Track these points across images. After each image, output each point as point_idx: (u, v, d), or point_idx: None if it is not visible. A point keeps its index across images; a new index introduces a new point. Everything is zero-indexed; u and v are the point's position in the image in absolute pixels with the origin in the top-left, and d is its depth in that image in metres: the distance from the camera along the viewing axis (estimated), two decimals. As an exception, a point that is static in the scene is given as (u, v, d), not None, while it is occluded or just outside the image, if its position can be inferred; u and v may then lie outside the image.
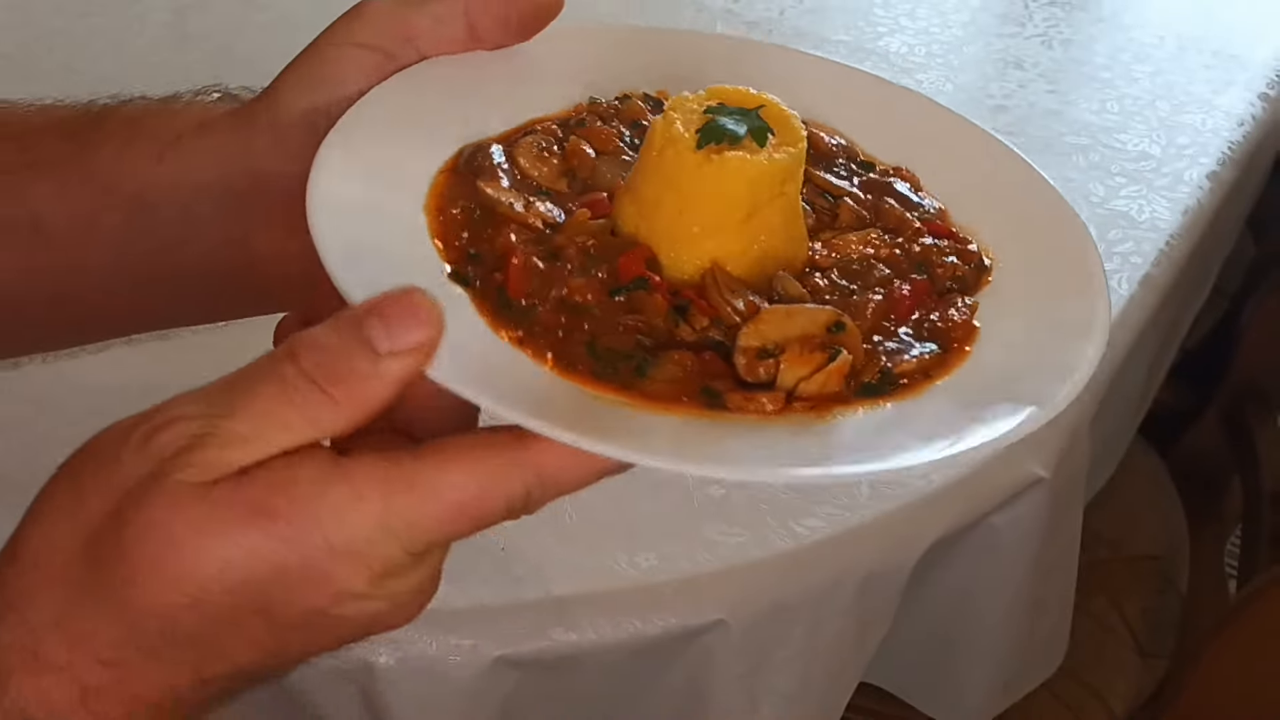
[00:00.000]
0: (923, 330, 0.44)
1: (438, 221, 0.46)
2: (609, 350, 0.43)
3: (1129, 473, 1.16)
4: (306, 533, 0.36)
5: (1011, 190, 0.49)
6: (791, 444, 0.40)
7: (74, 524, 0.37)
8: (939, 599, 0.82)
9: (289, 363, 0.36)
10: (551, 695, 0.70)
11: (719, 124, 0.45)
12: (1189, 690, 0.99)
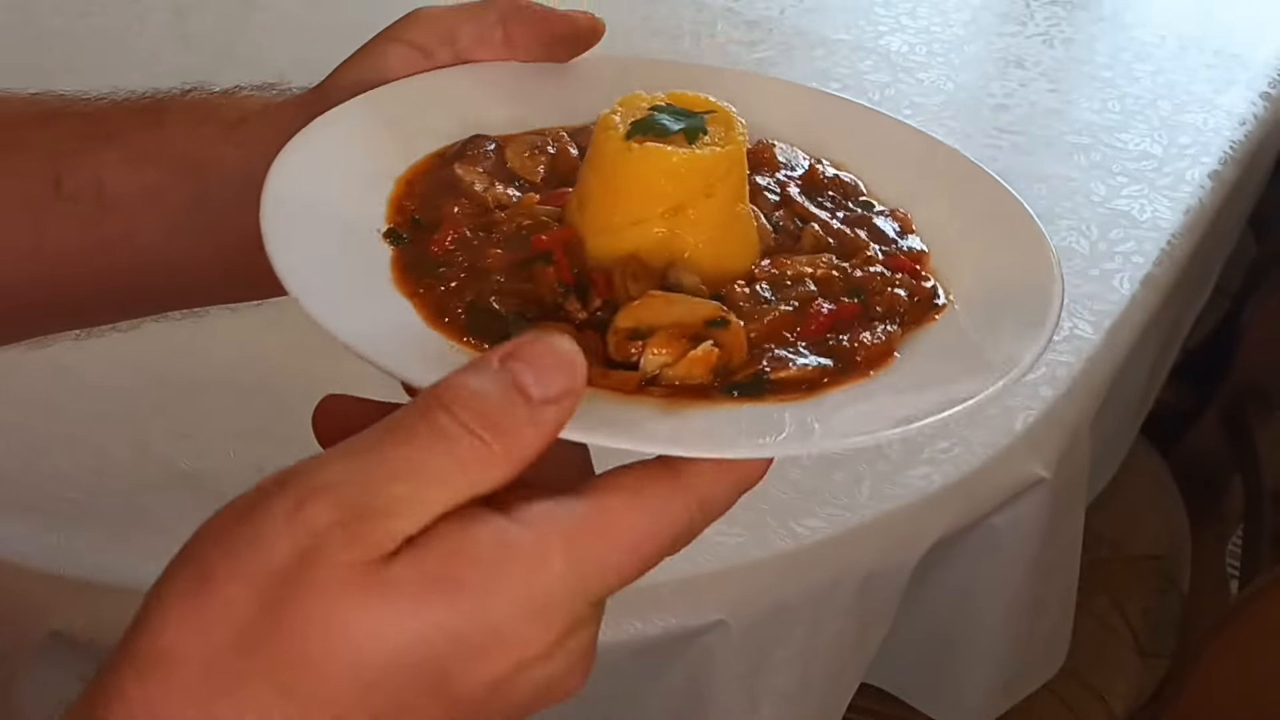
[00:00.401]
0: (826, 347, 0.43)
1: (399, 191, 0.49)
2: (485, 310, 0.43)
3: (1130, 473, 1.15)
4: (496, 599, 0.33)
5: (996, 240, 0.49)
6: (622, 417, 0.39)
7: (214, 620, 0.32)
8: (940, 599, 0.82)
9: (443, 413, 0.33)
10: (551, 695, 0.70)
11: (653, 118, 0.45)
12: (1190, 690, 0.99)
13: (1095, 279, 0.95)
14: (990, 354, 0.43)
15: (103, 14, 1.22)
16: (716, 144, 0.45)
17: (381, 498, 0.32)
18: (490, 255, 0.46)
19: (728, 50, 1.23)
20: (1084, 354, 0.88)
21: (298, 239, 0.44)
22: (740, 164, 0.46)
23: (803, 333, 0.44)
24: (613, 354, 0.42)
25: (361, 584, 0.31)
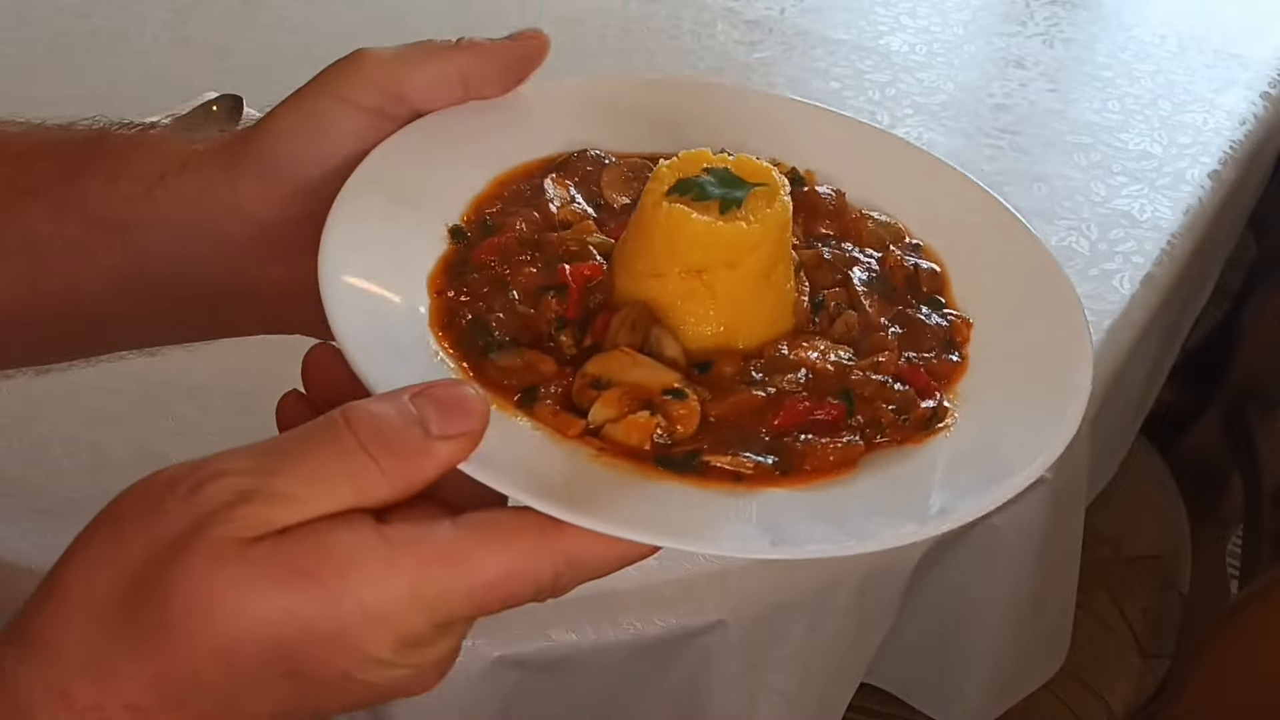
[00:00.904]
0: (778, 444, 0.43)
1: (489, 190, 0.51)
2: (481, 326, 0.45)
3: (1130, 472, 1.15)
4: (341, 597, 0.36)
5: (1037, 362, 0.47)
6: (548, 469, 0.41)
7: (113, 567, 0.37)
8: (939, 599, 0.82)
9: (344, 429, 0.37)
10: (551, 695, 0.70)
11: (698, 180, 0.46)
12: (1190, 690, 0.99)
13: (1095, 279, 0.95)
14: (932, 501, 0.42)
15: (103, 14, 1.22)
16: (746, 219, 0.45)
17: (267, 489, 0.36)
18: (524, 273, 0.47)
19: (728, 50, 1.23)
20: (1084, 354, 0.88)
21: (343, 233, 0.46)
22: (770, 243, 0.46)
23: (768, 423, 0.43)
24: (574, 395, 0.43)
25: (229, 559, 0.36)
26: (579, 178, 0.52)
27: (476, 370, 0.44)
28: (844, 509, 0.41)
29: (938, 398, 0.45)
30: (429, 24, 1.25)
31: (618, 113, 0.54)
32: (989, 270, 0.50)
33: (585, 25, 1.26)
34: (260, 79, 1.13)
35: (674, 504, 0.41)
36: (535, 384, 0.44)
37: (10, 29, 1.19)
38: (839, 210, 0.52)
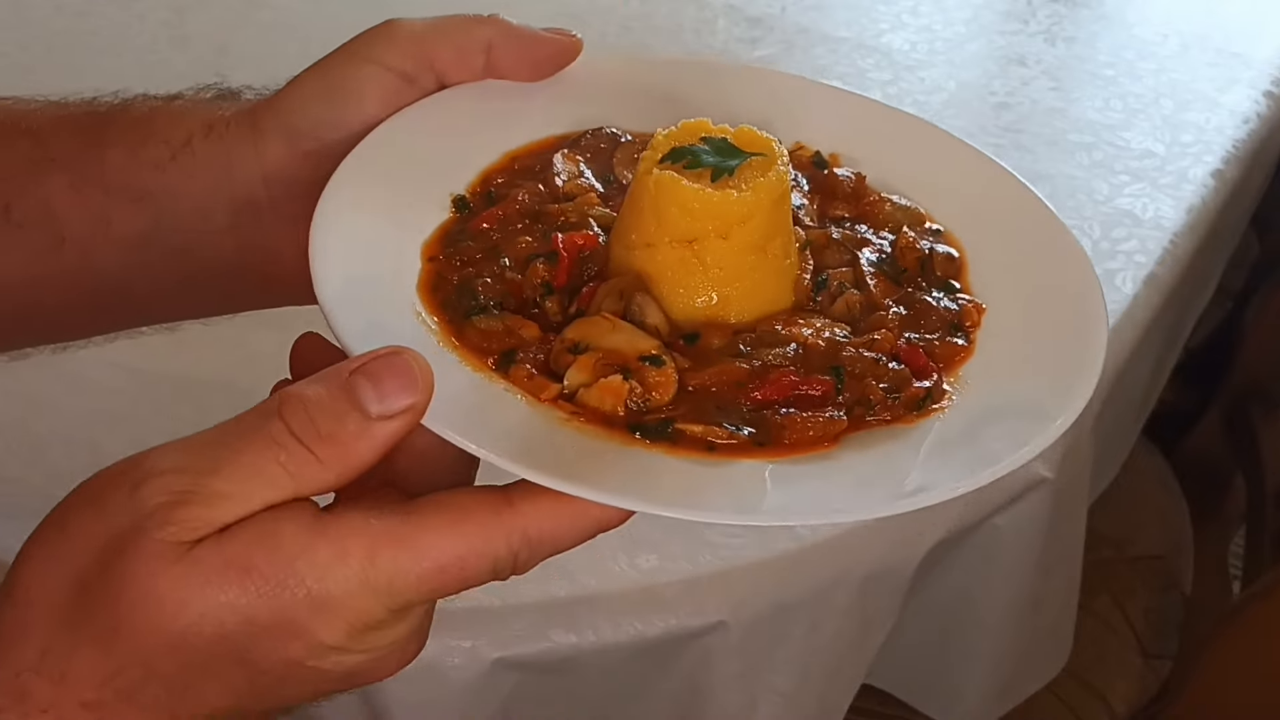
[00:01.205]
0: (758, 416, 0.42)
1: (499, 163, 0.50)
2: (466, 287, 0.45)
3: (1132, 473, 1.15)
4: (285, 587, 0.36)
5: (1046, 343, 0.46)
6: (510, 428, 0.40)
7: (62, 565, 0.37)
8: (941, 600, 0.82)
9: (276, 420, 0.37)
10: (551, 696, 0.70)
11: (693, 149, 0.45)
12: (1191, 691, 0.99)
13: (1098, 278, 0.95)
14: (913, 479, 0.41)
15: (103, 13, 1.22)
16: (737, 188, 0.44)
17: (206, 489, 0.36)
18: (520, 241, 0.46)
19: (729, 48, 1.23)
20: (1086, 353, 0.88)
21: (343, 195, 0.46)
22: (764, 213, 0.45)
23: (750, 395, 0.43)
24: (551, 360, 0.43)
25: (169, 561, 0.36)
26: (591, 154, 0.51)
27: (457, 333, 0.44)
28: (814, 481, 0.41)
29: (935, 379, 0.44)
30: (429, 22, 1.25)
31: (642, 92, 0.53)
32: (1014, 260, 0.48)
33: (585, 23, 1.25)
34: (259, 78, 1.12)
35: (639, 469, 0.40)
36: (514, 347, 0.43)
37: (9, 28, 1.19)
38: (857, 193, 0.51)
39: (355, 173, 0.47)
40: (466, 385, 0.42)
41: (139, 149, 0.52)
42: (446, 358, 0.43)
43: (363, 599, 0.37)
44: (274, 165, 0.50)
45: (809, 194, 0.51)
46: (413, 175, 0.49)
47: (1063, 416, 0.42)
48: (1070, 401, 0.43)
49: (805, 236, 0.48)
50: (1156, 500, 1.25)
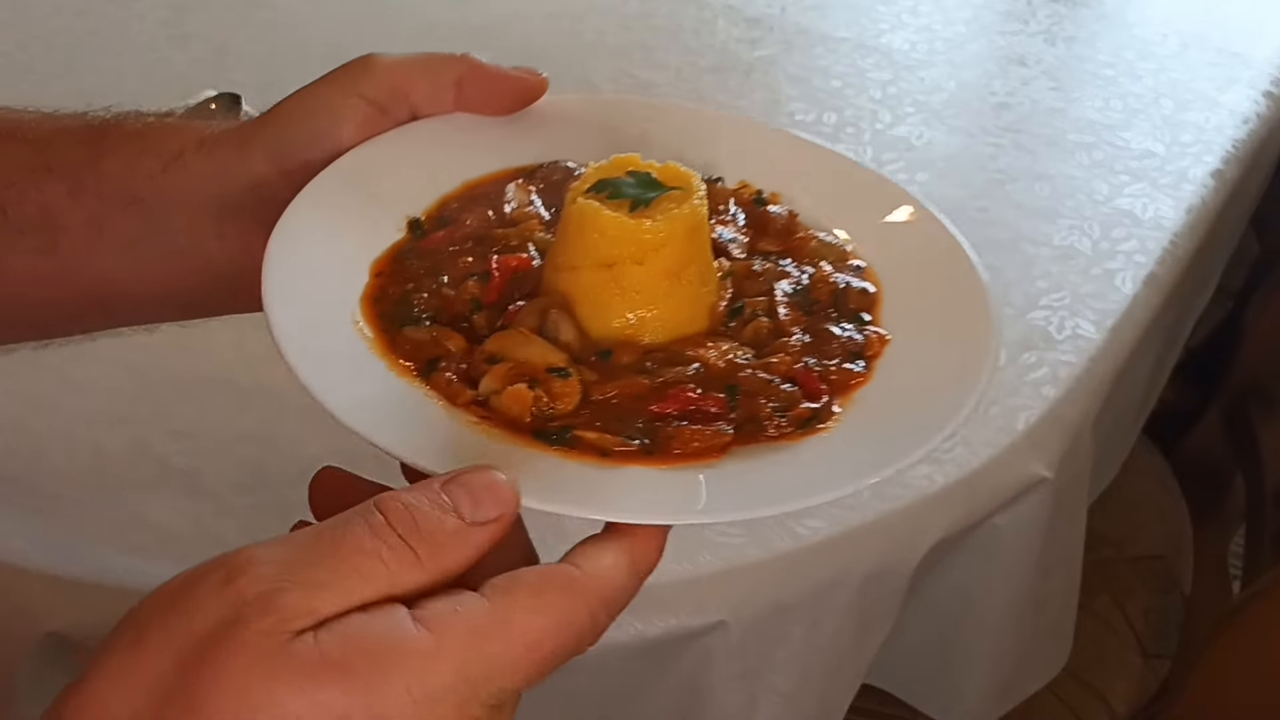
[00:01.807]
0: (652, 428, 0.46)
1: (457, 191, 0.55)
2: (404, 301, 0.49)
3: (1132, 472, 1.15)
4: (385, 688, 0.35)
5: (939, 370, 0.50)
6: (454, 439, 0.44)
7: (139, 678, 0.35)
8: (941, 599, 0.82)
9: (377, 514, 0.37)
10: (551, 696, 0.70)
11: (618, 181, 0.49)
12: (1191, 691, 0.99)
13: (1097, 278, 0.95)
14: (785, 486, 0.45)
15: (102, 13, 1.21)
16: (653, 217, 0.48)
17: (305, 579, 0.36)
18: (461, 261, 0.51)
19: (728, 48, 1.23)
20: (1086, 353, 0.88)
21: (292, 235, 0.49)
22: (677, 243, 0.49)
23: (649, 408, 0.46)
24: (471, 370, 0.47)
25: (266, 653, 0.35)
26: (545, 185, 0.55)
27: (390, 342, 0.48)
28: (681, 488, 0.44)
29: (823, 401, 0.48)
30: (428, 24, 1.24)
31: (602, 130, 0.58)
32: (925, 298, 0.52)
33: (585, 23, 1.26)
34: (259, 77, 1.12)
35: (531, 470, 0.43)
36: (439, 356, 0.47)
37: (8, 27, 1.19)
38: (788, 229, 0.55)
39: (320, 191, 0.51)
40: (387, 390, 0.46)
41: (134, 160, 0.55)
42: (374, 363, 0.47)
43: (461, 693, 0.36)
44: (259, 179, 0.54)
45: (744, 228, 0.55)
46: (374, 198, 0.53)
47: (920, 447, 0.46)
48: (932, 436, 0.46)
49: (729, 266, 0.52)
50: (1156, 500, 1.25)
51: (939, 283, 0.53)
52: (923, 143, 1.10)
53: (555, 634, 0.38)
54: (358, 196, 0.52)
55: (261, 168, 0.54)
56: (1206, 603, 1.18)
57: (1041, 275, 0.95)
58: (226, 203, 0.55)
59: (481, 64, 0.55)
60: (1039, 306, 0.92)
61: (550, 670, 0.38)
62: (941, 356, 0.50)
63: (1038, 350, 0.87)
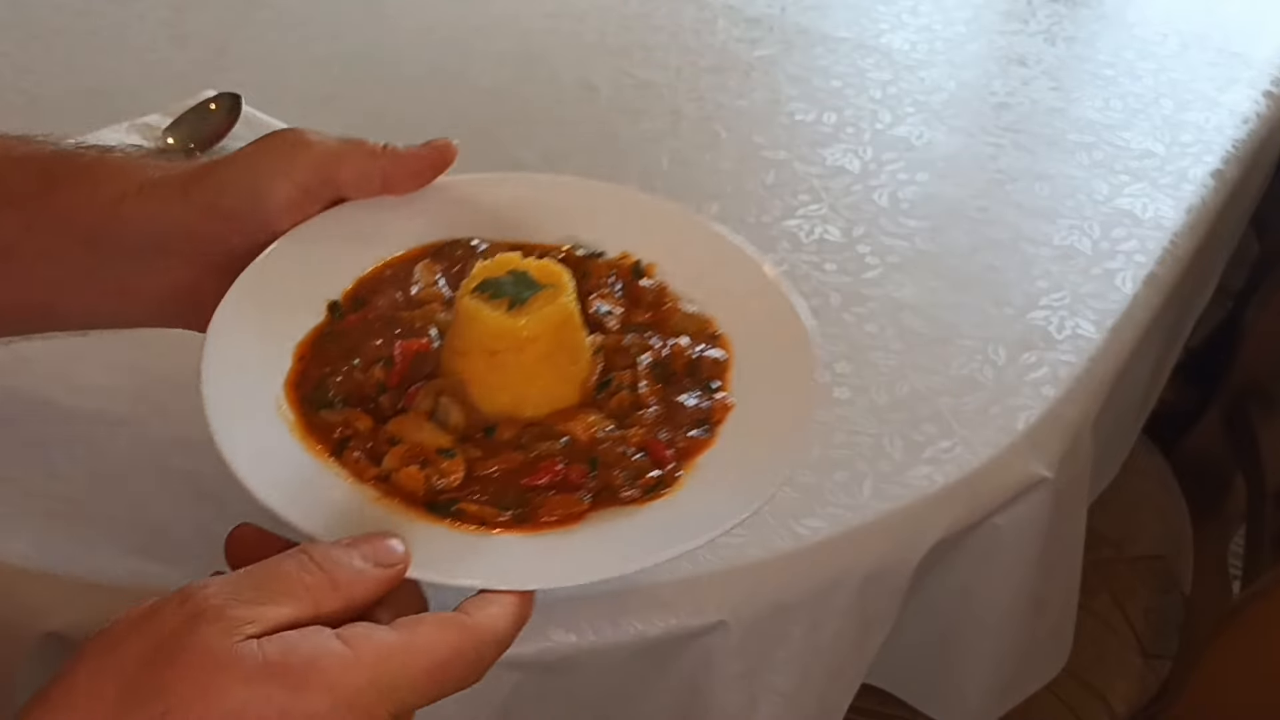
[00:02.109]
0: (523, 498, 0.54)
1: (370, 272, 0.63)
2: (321, 385, 0.57)
3: (1131, 472, 1.15)
4: (313, 686, 0.44)
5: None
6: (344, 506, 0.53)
7: (110, 675, 0.43)
8: (941, 599, 0.82)
9: (304, 555, 0.47)
10: (551, 695, 0.70)
11: (497, 280, 0.57)
12: (1191, 691, 0.99)
13: (1098, 278, 0.95)
14: (623, 552, 0.53)
15: (101, 12, 1.22)
16: (527, 315, 0.56)
17: (247, 598, 0.45)
18: (373, 344, 0.58)
19: (728, 48, 1.23)
20: (1086, 353, 0.88)
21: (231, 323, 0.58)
22: (549, 335, 0.57)
23: (523, 480, 0.54)
24: (375, 449, 0.55)
25: (219, 651, 0.43)
26: (450, 263, 0.63)
27: (307, 423, 0.56)
28: (540, 556, 0.52)
29: (667, 468, 0.55)
30: (428, 25, 1.24)
31: (505, 208, 0.66)
32: (769, 364, 0.60)
33: (585, 23, 1.26)
34: (259, 77, 1.12)
35: (429, 541, 0.51)
36: (349, 436, 0.55)
37: (8, 26, 1.19)
38: (657, 301, 0.63)
39: (251, 282, 0.59)
40: (299, 468, 0.54)
41: (83, 196, 0.62)
42: (291, 445, 0.55)
43: (371, 698, 0.45)
44: (194, 230, 0.62)
45: (621, 299, 0.63)
46: (301, 282, 0.60)
47: (740, 511, 0.54)
48: (754, 500, 0.54)
49: (601, 341, 0.60)
50: (1156, 500, 1.25)
51: (781, 349, 0.60)
52: (923, 142, 1.10)
53: (449, 663, 0.47)
54: (285, 282, 0.59)
55: (198, 217, 0.61)
56: (1206, 603, 1.18)
57: (1041, 275, 0.95)
58: (166, 245, 0.62)
59: (400, 153, 0.64)
60: (1039, 306, 0.92)
61: (442, 694, 0.47)
62: (775, 420, 0.57)
63: (1038, 350, 0.88)
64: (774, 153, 1.07)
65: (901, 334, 0.88)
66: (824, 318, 0.89)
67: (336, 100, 1.10)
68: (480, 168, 1.03)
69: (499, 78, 1.16)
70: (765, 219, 0.99)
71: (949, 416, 0.82)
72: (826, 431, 0.79)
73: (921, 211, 1.01)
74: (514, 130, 1.08)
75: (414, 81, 1.15)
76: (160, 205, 0.62)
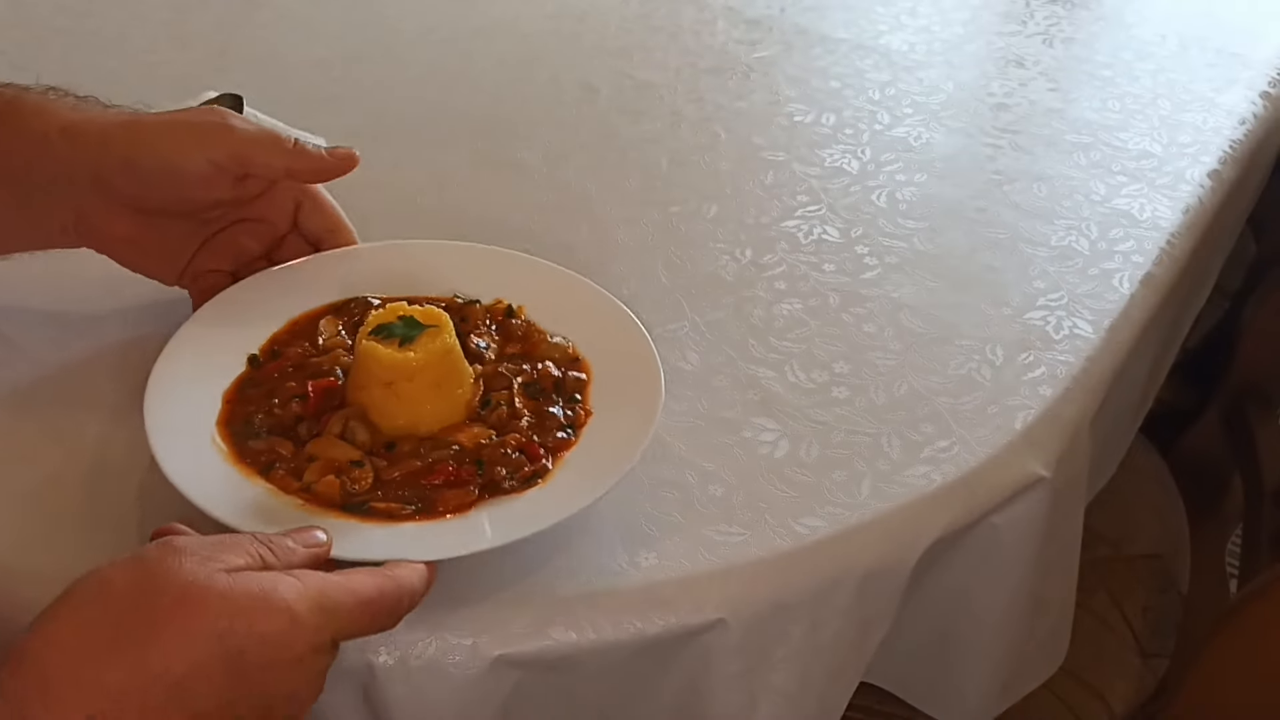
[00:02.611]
0: (423, 494, 0.66)
1: (284, 328, 0.76)
2: (247, 420, 0.70)
3: (1129, 471, 1.15)
4: (274, 607, 0.53)
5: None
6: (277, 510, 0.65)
7: (107, 598, 0.51)
8: (939, 598, 0.82)
9: (250, 535, 0.58)
10: (551, 695, 0.70)
11: (389, 324, 0.70)
12: (1189, 689, 0.99)
13: (1095, 278, 0.95)
14: (507, 526, 0.65)
15: (102, 13, 1.22)
16: (414, 351, 0.69)
17: (211, 549, 0.55)
18: (287, 386, 0.71)
19: (728, 49, 1.23)
20: (1084, 353, 0.88)
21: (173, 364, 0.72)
22: (435, 365, 0.69)
23: (422, 481, 0.67)
24: (297, 467, 0.67)
25: (199, 575, 0.52)
26: (347, 317, 0.76)
27: (238, 451, 0.68)
28: (434, 535, 0.64)
29: (540, 464, 0.68)
30: (429, 26, 1.25)
31: (396, 270, 0.79)
32: (621, 380, 0.73)
33: (585, 24, 1.26)
34: (260, 78, 1.13)
35: (346, 531, 0.64)
36: (274, 460, 0.67)
37: (9, 26, 1.19)
38: (526, 335, 0.76)
39: (184, 339, 0.73)
40: (236, 487, 0.66)
41: (8, 136, 0.70)
42: (227, 469, 0.67)
43: (318, 617, 0.54)
44: (111, 177, 0.70)
45: (496, 336, 0.76)
46: (223, 340, 0.73)
47: (590, 499, 0.66)
48: (606, 485, 0.67)
49: (481, 370, 0.73)
50: (1154, 499, 1.26)
51: (632, 369, 0.73)
52: (921, 143, 1.10)
53: (376, 601, 0.57)
54: (210, 341, 0.73)
55: (113, 172, 0.70)
56: (1204, 602, 1.18)
57: (1039, 275, 0.95)
58: (78, 183, 0.70)
59: (308, 152, 0.74)
60: (1036, 307, 0.92)
61: (370, 629, 0.58)
62: (626, 423, 0.70)
63: (1035, 350, 0.88)
64: (773, 153, 1.08)
65: (900, 334, 0.89)
66: (823, 318, 0.89)
67: (337, 101, 1.10)
68: (481, 169, 1.03)
69: (499, 79, 1.16)
70: (764, 220, 0.99)
71: (947, 416, 0.82)
72: (825, 431, 0.80)
73: (920, 212, 1.01)
74: (514, 131, 1.08)
75: (414, 82, 1.15)
76: (80, 150, 0.69)
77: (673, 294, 0.89)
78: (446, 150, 1.05)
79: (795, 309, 0.90)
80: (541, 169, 1.03)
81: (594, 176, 1.03)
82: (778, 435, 0.79)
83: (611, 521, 0.72)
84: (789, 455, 0.78)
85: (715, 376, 0.83)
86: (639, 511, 0.73)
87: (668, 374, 0.73)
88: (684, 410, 0.79)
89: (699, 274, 0.92)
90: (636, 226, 0.97)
